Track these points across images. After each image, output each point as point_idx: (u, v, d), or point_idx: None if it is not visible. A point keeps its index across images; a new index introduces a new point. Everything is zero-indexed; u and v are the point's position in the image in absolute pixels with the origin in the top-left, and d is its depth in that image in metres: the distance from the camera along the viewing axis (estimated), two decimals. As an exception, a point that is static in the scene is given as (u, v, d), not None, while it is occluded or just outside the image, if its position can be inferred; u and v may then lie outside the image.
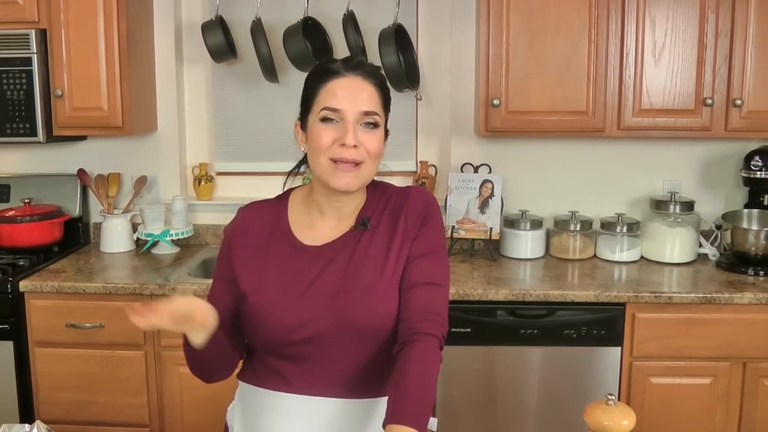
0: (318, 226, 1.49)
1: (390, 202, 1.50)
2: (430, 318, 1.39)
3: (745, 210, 2.89)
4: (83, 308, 2.56)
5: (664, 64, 2.64)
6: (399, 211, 1.48)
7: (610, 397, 1.29)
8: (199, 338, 1.35)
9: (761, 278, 2.60)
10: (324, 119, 1.40)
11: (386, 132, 1.49)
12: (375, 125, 1.41)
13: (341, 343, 1.41)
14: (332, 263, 1.44)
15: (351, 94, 1.39)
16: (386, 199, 1.51)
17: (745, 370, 2.47)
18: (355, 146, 1.38)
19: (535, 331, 2.48)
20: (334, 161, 1.39)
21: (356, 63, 1.43)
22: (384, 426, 1.27)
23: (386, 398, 1.32)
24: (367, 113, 1.40)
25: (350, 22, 2.85)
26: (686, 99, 2.66)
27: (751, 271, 2.64)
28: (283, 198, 1.55)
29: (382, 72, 1.49)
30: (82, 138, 3.10)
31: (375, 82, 1.43)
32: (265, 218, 1.51)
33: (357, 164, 1.39)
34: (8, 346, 2.56)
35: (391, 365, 1.37)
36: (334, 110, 1.39)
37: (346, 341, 1.41)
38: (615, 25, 2.63)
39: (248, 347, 1.53)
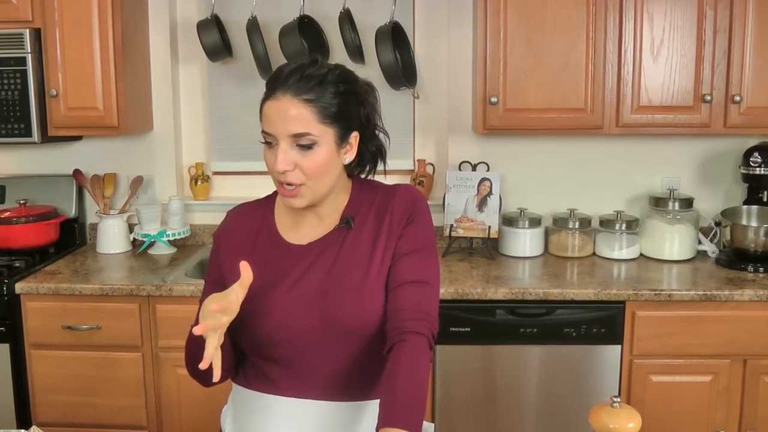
0: (302, 225, 1.48)
1: (376, 200, 1.48)
2: (419, 317, 1.37)
3: (745, 206, 2.88)
4: (80, 310, 2.54)
5: (662, 61, 2.63)
6: (384, 210, 1.46)
7: (615, 399, 1.27)
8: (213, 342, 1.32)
9: (761, 275, 2.60)
10: (264, 142, 1.38)
11: (345, 138, 1.39)
12: (310, 146, 1.34)
13: (327, 343, 1.40)
14: (317, 262, 1.43)
15: (280, 117, 1.33)
16: (372, 197, 1.49)
17: (746, 367, 2.47)
18: (288, 170, 1.35)
19: (535, 330, 2.47)
20: (280, 182, 1.39)
21: (286, 77, 1.34)
22: (377, 431, 1.25)
23: (375, 401, 1.31)
24: (297, 135, 1.33)
25: (347, 20, 2.83)
26: (685, 95, 2.65)
27: (750, 268, 2.63)
28: (270, 198, 1.55)
29: (323, 80, 1.35)
30: (78, 138, 3.08)
31: (307, 98, 1.33)
32: (253, 218, 1.51)
33: (297, 185, 1.37)
34: (4, 348, 2.55)
35: (379, 366, 1.36)
36: (267, 134, 1.36)
37: (331, 342, 1.40)
38: (613, 22, 2.62)
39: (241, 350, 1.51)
